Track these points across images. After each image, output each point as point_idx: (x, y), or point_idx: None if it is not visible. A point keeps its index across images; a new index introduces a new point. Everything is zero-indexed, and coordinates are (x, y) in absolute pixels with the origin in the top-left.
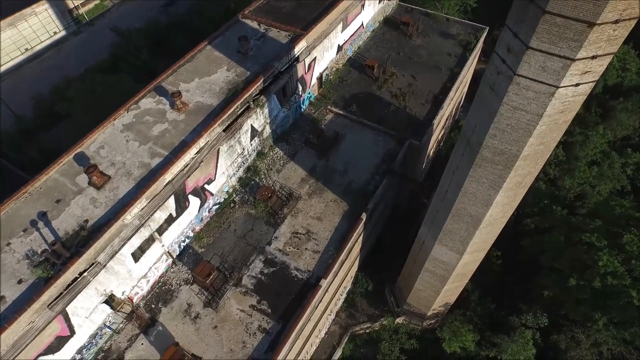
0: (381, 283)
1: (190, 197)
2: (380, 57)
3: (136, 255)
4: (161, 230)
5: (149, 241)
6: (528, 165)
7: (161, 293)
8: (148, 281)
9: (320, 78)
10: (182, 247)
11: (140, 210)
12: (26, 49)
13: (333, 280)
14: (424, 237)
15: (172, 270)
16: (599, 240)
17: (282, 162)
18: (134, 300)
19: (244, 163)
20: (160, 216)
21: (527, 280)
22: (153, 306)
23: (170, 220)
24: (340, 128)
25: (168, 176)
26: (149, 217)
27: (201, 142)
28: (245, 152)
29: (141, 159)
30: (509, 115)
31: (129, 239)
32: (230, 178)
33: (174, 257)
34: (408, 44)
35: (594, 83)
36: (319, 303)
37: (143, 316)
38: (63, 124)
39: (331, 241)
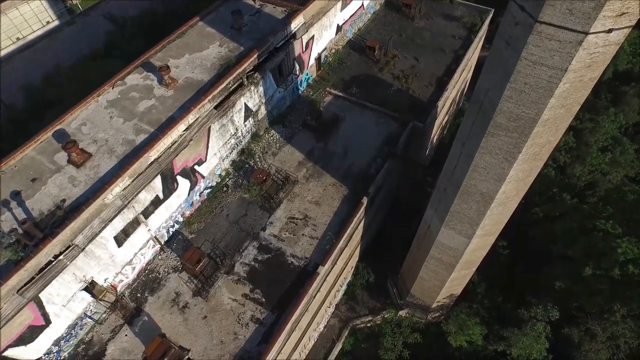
0: (383, 274)
1: (179, 178)
2: (381, 39)
3: (119, 239)
4: (147, 213)
5: (134, 224)
6: (547, 132)
7: (148, 281)
8: (133, 268)
9: (318, 59)
10: (170, 232)
11: (123, 190)
12: (17, 39)
13: (332, 268)
14: (429, 221)
15: (159, 257)
16: (613, 228)
17: (278, 145)
18: (118, 289)
19: (237, 145)
20: (145, 197)
21: (535, 272)
22: (139, 295)
23: (156, 202)
24: (339, 110)
25: (153, 154)
26: (132, 198)
27: (190, 118)
28: (239, 133)
29: (125, 136)
30: (528, 72)
31: (110, 221)
32: (223, 160)
33: (162, 243)
34: (410, 26)
35: (629, 29)
36: (316, 292)
37: (128, 306)
38: (54, 110)
39: (330, 226)
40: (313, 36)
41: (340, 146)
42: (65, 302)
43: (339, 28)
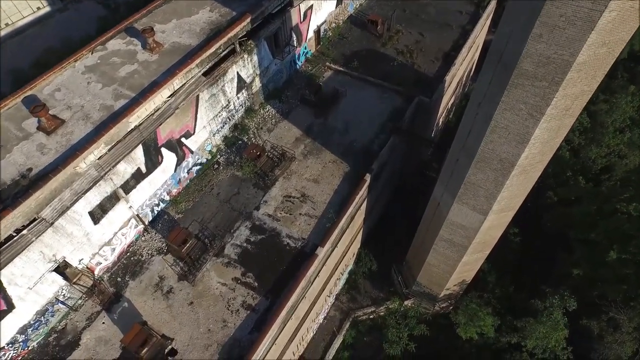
0: (387, 262)
1: (164, 150)
2: (384, 15)
3: (95, 216)
4: (127, 187)
5: (112, 200)
6: (582, 79)
7: (129, 264)
8: (113, 250)
9: (317, 32)
10: (155, 212)
11: (99, 159)
12: (6, 24)
13: (332, 251)
14: (439, 198)
15: (143, 238)
16: (636, 210)
17: (274, 120)
18: (96, 272)
19: (229, 119)
20: (125, 170)
21: (550, 260)
22: (119, 279)
23: (138, 176)
24: (340, 85)
25: (134, 120)
26: (110, 169)
27: (176, 83)
28: (231, 106)
29: (103, 102)
30: (563, 2)
31: (84, 193)
32: (214, 135)
33: (146, 223)
34: (414, 2)
35: None
36: (315, 277)
37: (106, 291)
38: None
39: (330, 205)
40: (312, 6)
41: (341, 122)
42: (31, 284)
43: (339, 1)
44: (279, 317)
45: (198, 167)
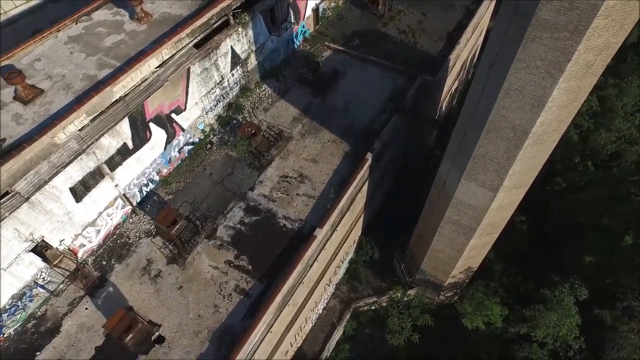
0: (389, 250)
1: (153, 126)
2: None
3: (77, 192)
4: (113, 163)
5: (96, 176)
6: (609, 28)
7: (115, 247)
8: (98, 232)
9: (316, 11)
10: (144, 192)
11: (80, 130)
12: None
13: (332, 234)
14: (445, 176)
15: (130, 220)
16: None
17: (270, 100)
18: (79, 255)
19: (223, 97)
20: (110, 144)
21: (559, 248)
22: (104, 263)
23: (125, 152)
24: (339, 65)
25: (118, 90)
26: (92, 142)
27: (164, 53)
28: (225, 83)
29: (86, 71)
30: None
31: (64, 167)
32: (207, 113)
33: (134, 204)
34: None
35: None
36: (314, 261)
37: (90, 274)
38: None
39: (329, 185)
40: None
41: (341, 101)
42: (5, 264)
43: None
44: (274, 302)
45: (190, 146)
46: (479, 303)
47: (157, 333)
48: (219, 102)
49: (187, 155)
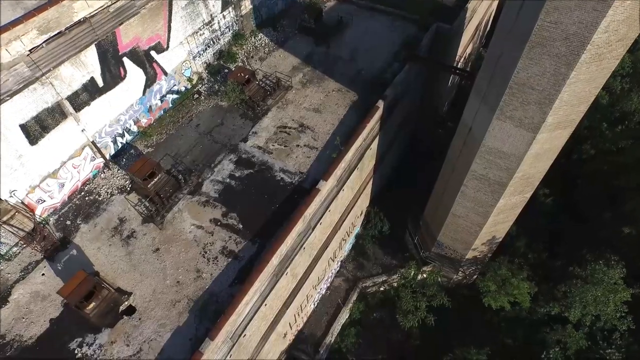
0: (399, 224)
1: (128, 62)
2: None
3: (31, 132)
4: (78, 102)
5: (56, 115)
6: None
7: (83, 205)
8: (62, 185)
9: None
10: (119, 144)
11: (30, 51)
12: None
13: (338, 192)
14: (471, 120)
15: (102, 176)
16: None
17: (267, 49)
18: (38, 212)
19: (213, 42)
20: (72, 76)
21: (589, 221)
22: (68, 223)
23: (93, 89)
24: (345, 14)
25: (81, 8)
26: (49, 69)
27: None
28: (215, 25)
29: None
30: None
31: (10, 96)
32: (194, 59)
33: (107, 158)
34: None
35: None
36: (317, 223)
37: (50, 236)
38: None
39: (334, 137)
40: None
41: (347, 51)
42: None
43: None
44: (269, 265)
45: (174, 95)
46: (504, 280)
47: (126, 303)
48: (209, 47)
49: (171, 105)
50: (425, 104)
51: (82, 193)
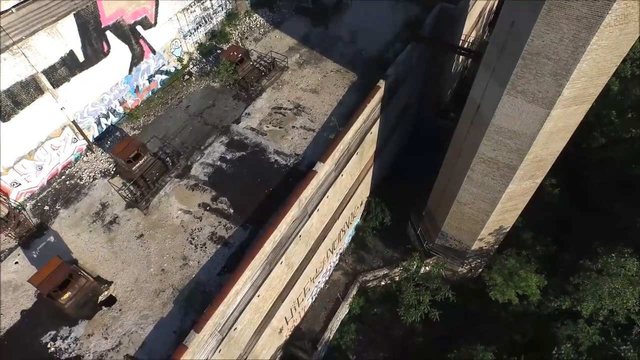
0: (401, 216)
1: (111, 36)
2: None
3: (2, 106)
4: (56, 77)
5: (30, 90)
6: None
7: (63, 189)
8: (40, 168)
9: None
10: (103, 126)
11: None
12: None
13: (336, 177)
14: (479, 97)
15: (85, 159)
16: None
17: (262, 30)
18: (12, 196)
19: (205, 21)
20: (49, 47)
21: (597, 214)
22: (47, 208)
23: (73, 64)
24: None
25: None
26: (20, 38)
27: None
28: (208, 3)
29: None
30: None
31: None
32: (185, 38)
33: (90, 140)
34: None
35: None
36: (314, 209)
37: (25, 222)
38: None
39: (332, 118)
40: None
41: (346, 31)
42: None
43: None
44: (261, 251)
45: (164, 76)
46: (511, 273)
47: (106, 293)
48: (200, 26)
49: (160, 86)
50: (429, 88)
51: (63, 177)
